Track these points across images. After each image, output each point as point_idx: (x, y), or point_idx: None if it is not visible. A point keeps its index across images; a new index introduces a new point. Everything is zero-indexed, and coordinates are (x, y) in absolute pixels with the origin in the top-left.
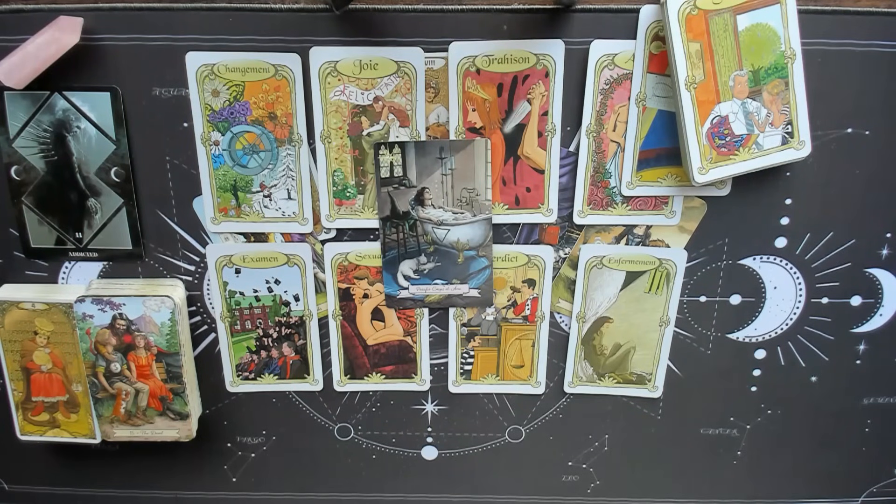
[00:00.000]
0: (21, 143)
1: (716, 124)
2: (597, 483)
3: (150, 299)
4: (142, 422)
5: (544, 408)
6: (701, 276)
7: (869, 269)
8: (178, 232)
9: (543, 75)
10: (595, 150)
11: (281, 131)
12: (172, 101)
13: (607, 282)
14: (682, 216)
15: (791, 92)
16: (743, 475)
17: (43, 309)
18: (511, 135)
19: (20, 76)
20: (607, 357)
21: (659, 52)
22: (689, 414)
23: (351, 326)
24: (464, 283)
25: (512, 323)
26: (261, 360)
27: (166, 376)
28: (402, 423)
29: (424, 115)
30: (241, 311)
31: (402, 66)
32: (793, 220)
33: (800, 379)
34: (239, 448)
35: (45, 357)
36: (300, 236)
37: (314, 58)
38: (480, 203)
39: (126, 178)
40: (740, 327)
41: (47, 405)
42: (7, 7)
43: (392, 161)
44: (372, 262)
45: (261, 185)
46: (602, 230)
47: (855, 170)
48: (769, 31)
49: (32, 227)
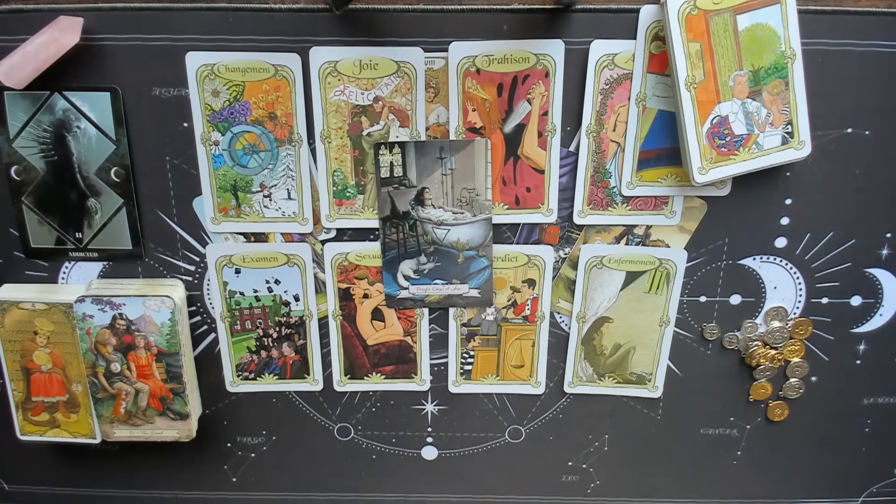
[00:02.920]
0: (21, 143)
1: (716, 124)
2: (597, 483)
3: (150, 299)
4: (142, 422)
5: (544, 408)
6: (701, 276)
7: (869, 269)
8: (178, 232)
9: (543, 75)
10: (595, 150)
11: (281, 131)
12: (172, 101)
13: (607, 282)
14: (682, 216)
15: (791, 92)
16: (743, 475)
17: (43, 309)
18: (511, 135)
19: (20, 76)
20: (607, 357)
21: (659, 52)
22: (689, 414)
23: (351, 326)
24: (464, 283)
25: (512, 323)
26: (261, 360)
27: (166, 376)
28: (402, 423)
29: (424, 115)
30: (241, 311)
31: (402, 66)
32: (793, 220)
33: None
34: (239, 448)
35: (45, 357)
36: (300, 236)
37: (314, 58)
38: (480, 203)
39: (126, 178)
40: (740, 327)
41: (47, 405)
42: (7, 7)
43: (392, 161)
44: (372, 262)
45: (261, 185)
46: (602, 230)
47: (855, 170)
48: (769, 31)
49: (32, 227)
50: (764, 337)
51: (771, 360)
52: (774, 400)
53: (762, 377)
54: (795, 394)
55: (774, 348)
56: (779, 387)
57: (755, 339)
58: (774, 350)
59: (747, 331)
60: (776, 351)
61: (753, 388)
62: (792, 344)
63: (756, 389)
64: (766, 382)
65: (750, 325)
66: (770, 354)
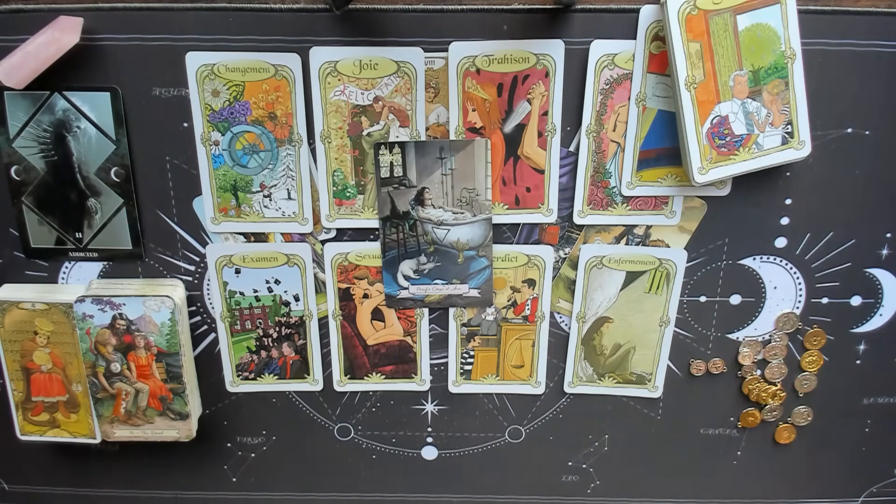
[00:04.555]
0: (21, 143)
1: (716, 124)
2: (597, 483)
3: (150, 299)
4: (142, 422)
5: (544, 408)
6: (701, 276)
7: (869, 269)
8: (178, 232)
9: (543, 75)
10: (595, 150)
11: (281, 131)
12: (172, 101)
13: (607, 282)
14: (682, 216)
15: (791, 92)
16: (743, 475)
17: (43, 309)
18: (511, 135)
19: (20, 76)
20: (607, 357)
21: (659, 52)
22: (689, 414)
23: (351, 326)
24: (464, 283)
25: (512, 323)
26: (261, 360)
27: (166, 376)
28: (402, 423)
29: (424, 115)
30: (241, 311)
31: (402, 66)
32: (793, 220)
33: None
34: (239, 448)
35: (45, 357)
36: (300, 236)
37: (314, 58)
38: (480, 203)
39: (126, 178)
40: (740, 327)
41: (47, 405)
42: (7, 7)
43: (392, 161)
44: (372, 262)
45: (261, 185)
46: (602, 230)
47: (855, 170)
48: (769, 31)
49: (32, 227)
50: (764, 373)
51: (772, 397)
52: (783, 422)
53: (769, 416)
54: (804, 421)
55: (773, 384)
56: (787, 413)
57: (751, 367)
58: (774, 386)
59: (743, 358)
60: (777, 387)
61: (743, 415)
62: (808, 355)
63: (745, 417)
64: (755, 410)
65: (747, 352)
66: (772, 391)
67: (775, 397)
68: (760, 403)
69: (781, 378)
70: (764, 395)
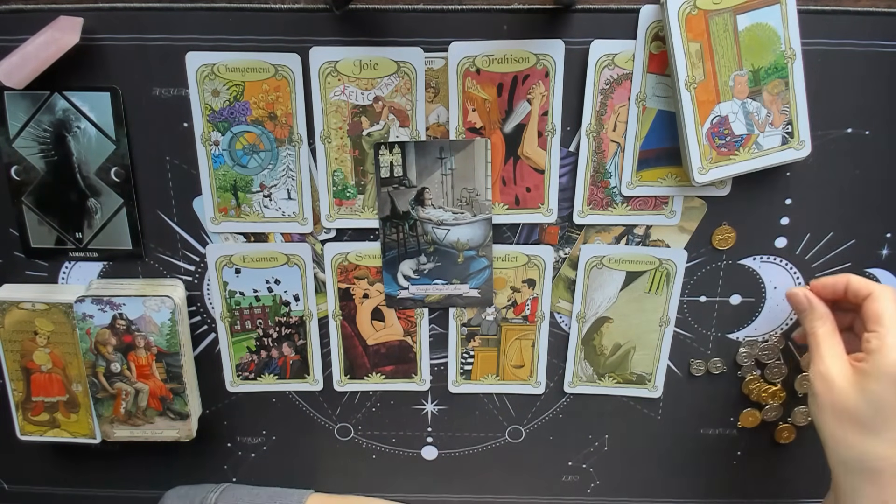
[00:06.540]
0: (21, 143)
1: (716, 124)
2: (597, 483)
3: (150, 299)
4: (142, 422)
5: (544, 408)
6: (701, 276)
7: (869, 269)
8: (178, 232)
9: (543, 75)
10: (595, 150)
11: (281, 131)
12: (172, 101)
13: (607, 282)
14: (682, 216)
15: (791, 92)
16: (743, 475)
17: (43, 309)
18: (511, 135)
19: (20, 76)
20: (607, 357)
21: (659, 52)
22: (689, 414)
23: (351, 326)
24: (464, 283)
25: (512, 323)
26: (261, 360)
27: (166, 376)
28: (402, 423)
29: (424, 115)
30: (241, 311)
31: (402, 66)
32: (793, 220)
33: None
34: (239, 448)
35: (45, 357)
36: (300, 236)
37: (314, 58)
38: (480, 203)
39: (126, 178)
40: (740, 327)
41: (47, 405)
42: (7, 7)
43: (392, 161)
44: (372, 262)
45: (261, 185)
46: (602, 230)
47: (855, 170)
48: (769, 31)
49: (32, 227)
50: (764, 373)
51: (772, 397)
52: (783, 422)
53: (769, 416)
54: (804, 421)
55: (773, 384)
56: (788, 413)
57: (751, 367)
58: (774, 386)
59: (742, 359)
60: (777, 387)
61: (743, 415)
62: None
63: (745, 417)
64: (755, 410)
65: (746, 353)
66: (771, 391)
67: (775, 397)
68: (760, 403)
69: (781, 378)
70: (764, 395)
